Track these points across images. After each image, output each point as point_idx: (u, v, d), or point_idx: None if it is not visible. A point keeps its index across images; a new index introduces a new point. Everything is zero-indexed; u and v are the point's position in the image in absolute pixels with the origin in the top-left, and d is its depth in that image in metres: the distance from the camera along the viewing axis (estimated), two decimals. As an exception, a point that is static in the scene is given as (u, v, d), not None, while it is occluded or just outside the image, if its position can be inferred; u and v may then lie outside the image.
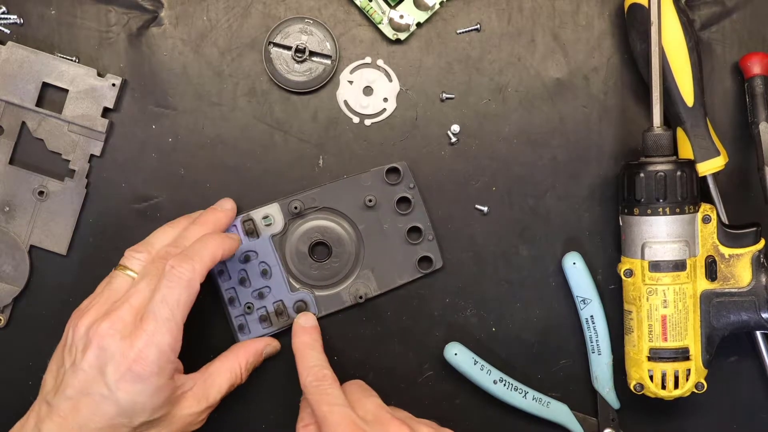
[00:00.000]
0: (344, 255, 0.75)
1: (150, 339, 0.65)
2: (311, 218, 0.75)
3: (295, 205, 0.74)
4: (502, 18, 0.76)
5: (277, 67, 0.75)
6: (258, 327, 0.75)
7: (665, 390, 0.71)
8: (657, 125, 0.71)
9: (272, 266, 0.75)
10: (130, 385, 0.64)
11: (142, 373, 0.64)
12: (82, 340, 0.66)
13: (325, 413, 0.65)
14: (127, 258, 0.70)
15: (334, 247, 0.75)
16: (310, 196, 0.75)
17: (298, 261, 0.75)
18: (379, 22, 0.75)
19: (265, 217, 0.74)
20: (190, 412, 0.68)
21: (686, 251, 0.70)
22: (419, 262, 0.75)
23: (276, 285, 0.75)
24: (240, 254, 0.74)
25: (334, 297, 0.75)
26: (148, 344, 0.64)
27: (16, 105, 0.75)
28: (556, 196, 0.77)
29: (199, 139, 0.76)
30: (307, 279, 0.75)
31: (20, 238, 0.76)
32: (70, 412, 0.64)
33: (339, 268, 0.75)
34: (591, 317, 0.76)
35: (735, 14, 0.76)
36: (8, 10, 0.76)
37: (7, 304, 0.76)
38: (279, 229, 0.75)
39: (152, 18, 0.76)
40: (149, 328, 0.65)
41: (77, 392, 0.65)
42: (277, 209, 0.74)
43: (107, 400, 0.64)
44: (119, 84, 0.75)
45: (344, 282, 0.75)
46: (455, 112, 0.76)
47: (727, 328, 0.71)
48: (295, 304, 0.75)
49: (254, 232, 0.74)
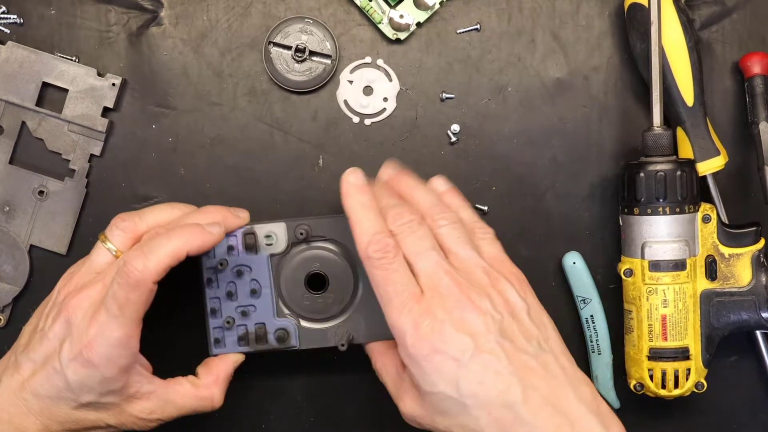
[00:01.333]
0: (340, 292, 0.70)
1: (100, 330, 0.63)
2: (315, 247, 0.70)
3: (302, 230, 0.69)
4: (502, 18, 0.76)
5: (277, 67, 0.75)
6: (234, 344, 0.71)
7: (665, 390, 0.71)
8: (657, 125, 0.71)
9: (263, 287, 0.70)
10: (79, 367, 0.64)
11: (91, 360, 0.63)
12: (56, 307, 0.66)
13: (390, 295, 0.62)
14: (111, 229, 0.67)
15: (332, 282, 0.70)
16: (321, 224, 0.70)
17: (292, 287, 0.70)
18: (379, 21, 0.75)
19: (268, 236, 0.70)
20: (139, 415, 0.67)
21: (686, 251, 0.70)
22: None
23: (262, 306, 0.71)
24: (233, 267, 0.70)
25: (320, 333, 0.71)
26: (98, 334, 0.63)
27: (16, 105, 0.75)
28: (556, 196, 0.77)
29: (199, 139, 0.76)
30: (297, 308, 0.71)
31: (20, 238, 0.76)
32: (29, 374, 0.65)
33: (331, 304, 0.71)
34: (591, 317, 0.76)
35: (735, 14, 0.76)
36: (8, 10, 0.76)
37: (7, 304, 0.76)
38: (280, 250, 0.70)
39: (152, 18, 0.76)
40: (101, 318, 0.63)
41: (40, 358, 0.65)
42: (283, 230, 0.70)
43: (58, 375, 0.64)
44: (119, 84, 0.75)
45: (333, 320, 0.71)
46: (455, 112, 0.76)
47: (727, 328, 0.71)
48: (276, 331, 0.70)
49: (254, 247, 0.70)
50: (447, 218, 0.65)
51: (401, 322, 0.61)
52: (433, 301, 0.61)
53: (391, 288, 0.62)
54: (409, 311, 0.61)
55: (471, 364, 0.60)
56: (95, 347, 0.63)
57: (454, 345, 0.60)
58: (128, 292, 0.63)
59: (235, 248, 0.70)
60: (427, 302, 0.61)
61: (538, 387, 0.60)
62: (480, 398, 0.60)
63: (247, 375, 0.77)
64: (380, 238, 0.62)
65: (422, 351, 0.60)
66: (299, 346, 0.71)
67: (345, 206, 0.65)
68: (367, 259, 0.62)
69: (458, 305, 0.61)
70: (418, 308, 0.61)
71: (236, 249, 0.70)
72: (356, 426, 0.77)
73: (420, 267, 0.62)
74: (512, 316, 0.62)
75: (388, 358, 0.68)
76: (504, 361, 0.60)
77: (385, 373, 0.68)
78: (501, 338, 0.60)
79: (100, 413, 0.66)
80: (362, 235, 0.63)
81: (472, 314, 0.61)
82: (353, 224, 0.64)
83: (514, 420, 0.59)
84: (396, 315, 0.61)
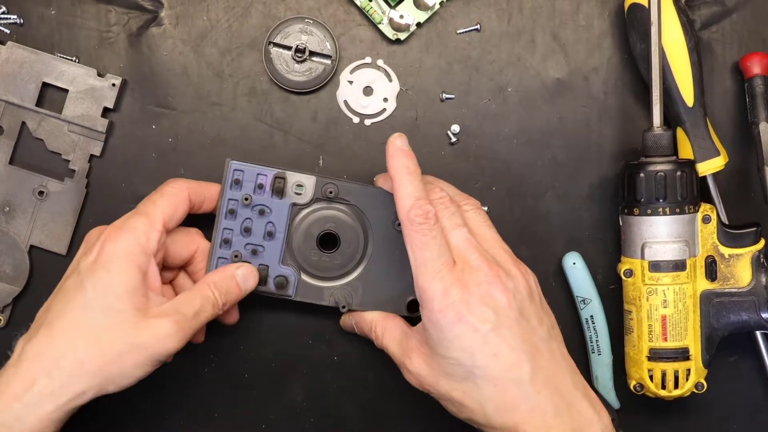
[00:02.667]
0: (347, 257, 0.73)
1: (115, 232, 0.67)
2: (336, 208, 0.72)
3: (331, 189, 0.71)
4: (502, 18, 0.76)
5: (277, 67, 0.75)
6: None
7: (665, 390, 0.71)
8: (657, 125, 0.71)
9: (278, 231, 0.72)
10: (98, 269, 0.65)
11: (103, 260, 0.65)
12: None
13: (425, 259, 0.64)
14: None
15: (342, 244, 0.72)
16: (349, 188, 0.72)
17: (304, 239, 0.72)
18: (379, 22, 0.75)
19: (298, 185, 0.71)
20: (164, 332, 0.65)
21: (686, 251, 0.70)
22: (409, 303, 0.72)
23: (271, 250, 0.72)
24: (256, 204, 0.71)
25: (316, 290, 0.72)
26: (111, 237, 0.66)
27: (16, 105, 0.75)
28: (556, 196, 0.77)
29: (199, 139, 0.76)
30: (302, 260, 0.72)
31: (20, 238, 0.76)
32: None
33: (336, 266, 0.73)
34: (591, 317, 0.76)
35: (735, 14, 0.76)
36: (8, 10, 0.76)
37: (7, 304, 0.76)
38: (304, 201, 0.71)
39: (152, 18, 0.76)
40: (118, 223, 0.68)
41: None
42: (313, 183, 0.71)
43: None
44: (119, 84, 0.75)
45: (332, 281, 0.72)
46: (455, 112, 0.76)
47: (727, 328, 0.71)
48: (277, 277, 0.72)
49: (281, 192, 0.71)
50: (471, 204, 0.70)
51: (432, 287, 0.64)
52: (464, 273, 0.64)
53: (428, 253, 0.64)
54: (441, 278, 0.64)
55: (490, 336, 0.63)
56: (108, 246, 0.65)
57: (478, 316, 0.63)
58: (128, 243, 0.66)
59: (264, 188, 0.71)
60: (459, 272, 0.64)
61: (544, 368, 0.64)
62: (490, 370, 0.63)
63: (247, 374, 0.77)
64: (423, 204, 0.65)
65: (448, 317, 0.63)
66: (294, 296, 0.72)
67: (390, 167, 0.67)
68: (409, 222, 0.65)
69: (486, 280, 0.64)
70: (450, 277, 0.64)
71: (264, 189, 0.71)
72: (356, 426, 0.77)
73: (453, 241, 0.66)
74: (530, 299, 0.66)
75: (389, 322, 0.70)
76: (519, 339, 0.64)
77: (389, 336, 0.69)
78: (520, 317, 0.64)
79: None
80: (406, 198, 0.65)
81: (497, 290, 0.64)
82: (397, 186, 0.66)
83: (518, 395, 0.63)
84: (428, 279, 0.64)
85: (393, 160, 0.67)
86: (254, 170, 0.71)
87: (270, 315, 0.76)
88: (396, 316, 0.71)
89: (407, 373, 0.67)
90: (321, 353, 0.77)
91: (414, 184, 0.66)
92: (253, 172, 0.71)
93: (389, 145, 0.67)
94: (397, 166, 0.66)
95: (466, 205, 0.69)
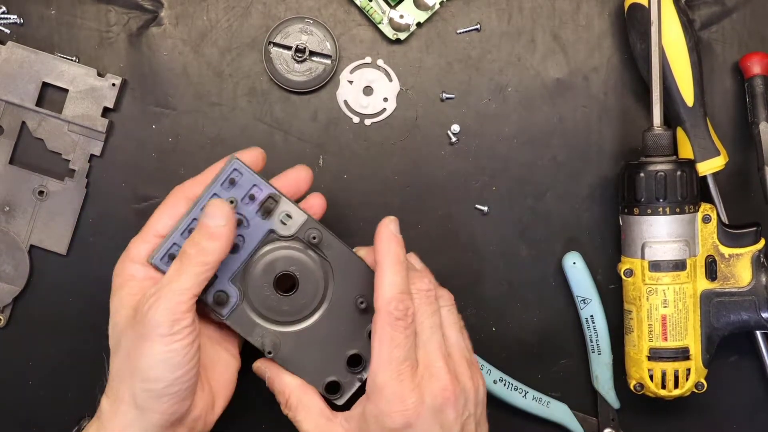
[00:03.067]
0: (296, 307, 0.68)
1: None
2: (311, 256, 0.67)
3: (315, 235, 0.66)
4: (502, 18, 0.76)
5: (277, 67, 0.75)
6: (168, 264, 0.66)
7: (665, 390, 0.71)
8: (657, 125, 0.71)
9: (243, 250, 0.66)
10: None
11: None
12: None
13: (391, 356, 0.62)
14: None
15: (297, 294, 0.67)
16: (332, 243, 0.67)
17: (263, 271, 0.67)
18: (379, 22, 0.75)
19: (287, 215, 0.66)
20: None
21: (686, 251, 0.70)
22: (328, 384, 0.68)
23: (228, 262, 0.66)
24: (238, 212, 0.65)
25: (250, 324, 0.67)
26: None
27: (16, 105, 0.75)
28: (556, 196, 0.77)
29: (199, 139, 0.76)
30: (251, 289, 0.67)
31: (20, 238, 0.76)
32: None
33: (280, 310, 0.68)
34: (591, 317, 0.76)
35: (735, 14, 0.76)
36: (8, 10, 0.76)
37: (7, 304, 0.76)
38: (284, 233, 0.66)
39: (152, 18, 0.76)
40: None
41: None
42: (301, 222, 0.67)
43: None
44: (119, 84, 0.75)
45: (269, 323, 0.68)
46: (455, 112, 0.76)
47: (727, 328, 0.71)
48: (218, 292, 0.66)
49: (268, 213, 0.66)
50: (446, 300, 0.67)
51: (391, 388, 0.62)
52: (424, 380, 0.63)
53: (396, 352, 0.62)
54: (401, 381, 0.62)
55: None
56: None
57: (424, 428, 0.62)
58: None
59: (254, 201, 0.66)
60: (419, 378, 0.63)
61: None
62: None
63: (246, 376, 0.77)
64: (405, 299, 0.63)
65: (396, 422, 0.62)
66: (225, 318, 0.67)
67: (379, 251, 0.64)
68: (386, 313, 0.62)
69: (443, 394, 0.63)
70: (410, 383, 0.62)
71: (253, 202, 0.66)
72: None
73: (424, 340, 0.64)
74: (474, 413, 0.65)
75: (307, 397, 0.67)
76: None
77: (305, 413, 0.67)
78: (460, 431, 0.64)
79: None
80: (390, 288, 0.63)
81: (450, 406, 0.63)
82: (383, 272, 0.63)
83: None
84: (388, 378, 0.62)
85: (383, 245, 0.64)
86: (253, 180, 0.66)
87: None
88: (315, 394, 0.67)
89: None
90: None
91: (400, 275, 0.63)
92: (251, 180, 0.66)
93: (382, 227, 0.65)
94: (386, 252, 0.64)
95: (441, 300, 0.66)
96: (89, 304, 0.76)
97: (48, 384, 0.77)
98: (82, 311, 0.76)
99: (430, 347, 0.64)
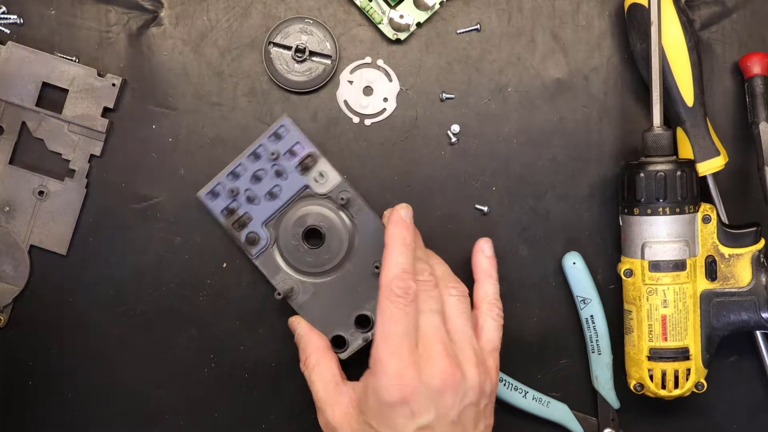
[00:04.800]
0: (319, 260, 0.73)
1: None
2: (339, 215, 0.73)
3: (344, 196, 0.72)
4: (502, 18, 0.76)
5: (277, 67, 0.75)
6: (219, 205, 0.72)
7: (665, 390, 0.71)
8: (657, 125, 0.71)
9: (280, 199, 0.72)
10: None
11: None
12: None
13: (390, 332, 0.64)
14: None
15: (322, 248, 0.73)
16: (361, 207, 0.72)
17: (294, 222, 0.73)
18: (379, 22, 0.75)
19: (322, 174, 0.72)
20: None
21: (686, 251, 0.70)
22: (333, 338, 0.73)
23: (263, 209, 0.72)
24: (279, 164, 0.72)
25: (275, 267, 0.73)
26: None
27: (16, 105, 0.75)
28: (556, 196, 0.77)
29: (199, 139, 0.76)
30: (281, 236, 0.73)
31: (20, 238, 0.76)
32: None
33: (304, 260, 0.73)
34: (591, 317, 0.76)
35: (735, 14, 0.76)
36: (8, 10, 0.76)
37: (7, 304, 0.76)
38: (317, 191, 0.72)
39: (152, 18, 0.76)
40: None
41: None
42: (335, 183, 0.72)
43: None
44: (119, 84, 0.75)
45: (292, 270, 0.73)
46: (455, 112, 0.76)
47: (727, 328, 0.71)
48: (251, 233, 0.72)
49: (306, 170, 0.72)
50: (458, 290, 0.69)
51: (389, 363, 0.64)
52: (422, 361, 0.64)
53: (395, 327, 0.64)
54: (400, 357, 0.64)
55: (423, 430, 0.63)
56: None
57: (420, 407, 0.63)
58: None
59: (295, 157, 0.72)
60: (417, 357, 0.64)
61: None
62: None
63: (247, 375, 0.77)
64: (408, 278, 0.66)
65: (392, 396, 0.63)
66: (254, 258, 0.73)
67: (387, 234, 0.67)
68: (388, 291, 0.65)
69: (441, 376, 0.64)
70: (408, 358, 0.64)
71: (294, 158, 0.72)
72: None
73: (422, 324, 0.66)
74: (476, 404, 0.65)
75: (325, 360, 0.70)
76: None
77: (318, 374, 0.70)
78: (457, 420, 0.64)
79: None
80: (392, 267, 0.66)
81: (448, 389, 0.64)
82: (388, 252, 0.67)
83: None
84: (387, 353, 0.64)
85: (392, 228, 0.67)
86: (296, 137, 0.72)
87: (270, 315, 0.76)
88: (333, 358, 0.71)
89: (323, 419, 0.68)
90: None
91: (405, 256, 0.66)
92: (294, 137, 0.72)
93: (393, 213, 0.68)
94: (394, 234, 0.67)
95: (453, 289, 0.69)
96: (89, 304, 0.76)
97: (48, 384, 0.77)
98: (82, 311, 0.76)
99: (430, 332, 0.65)
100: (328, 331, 0.73)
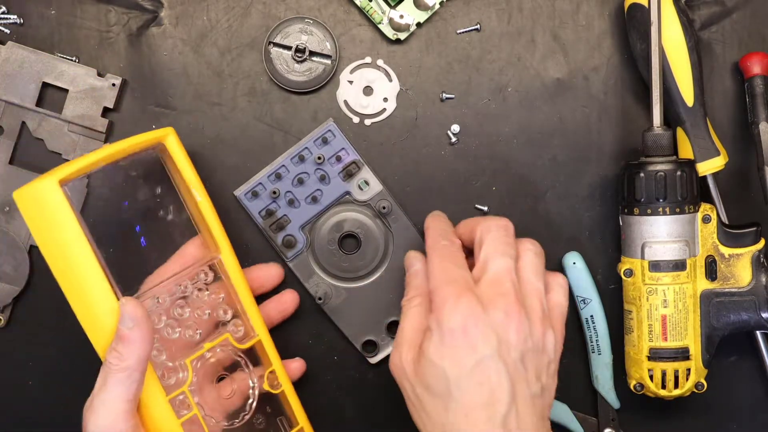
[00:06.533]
0: (353, 267, 0.75)
1: None
2: (378, 224, 0.75)
3: (384, 206, 0.74)
4: (502, 18, 0.76)
5: (277, 67, 0.75)
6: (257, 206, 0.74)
7: (665, 390, 0.71)
8: (657, 125, 0.71)
9: (319, 204, 0.74)
10: None
11: None
12: None
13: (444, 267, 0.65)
14: None
15: (357, 254, 0.75)
16: (399, 217, 0.75)
17: (331, 227, 0.75)
18: (379, 22, 0.75)
19: (365, 182, 0.75)
20: None
21: (686, 251, 0.70)
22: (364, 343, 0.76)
23: (302, 213, 0.74)
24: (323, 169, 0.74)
25: (309, 271, 0.75)
26: None
27: (16, 105, 0.75)
28: (556, 196, 0.77)
29: (199, 139, 0.76)
30: (316, 240, 0.75)
31: (20, 238, 0.76)
32: None
33: (338, 266, 0.75)
34: (591, 317, 0.76)
35: (735, 14, 0.76)
36: (8, 10, 0.76)
37: (7, 304, 0.76)
38: (358, 198, 0.75)
39: (152, 18, 0.76)
40: None
41: None
42: (377, 191, 0.75)
43: None
44: (119, 84, 0.75)
45: (326, 275, 0.75)
46: (455, 112, 0.76)
47: (727, 328, 0.71)
48: (288, 236, 0.74)
49: (349, 176, 0.74)
50: (535, 249, 0.68)
51: (446, 289, 0.63)
52: (488, 291, 0.63)
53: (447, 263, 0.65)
54: (456, 282, 0.63)
55: (484, 363, 0.61)
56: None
57: (483, 336, 0.61)
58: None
59: (339, 163, 0.74)
60: (479, 288, 0.63)
61: (519, 419, 0.61)
62: (468, 397, 0.61)
63: (247, 375, 0.77)
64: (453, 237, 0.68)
65: (453, 321, 0.61)
66: (289, 261, 0.75)
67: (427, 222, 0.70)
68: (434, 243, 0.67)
69: (506, 310, 0.62)
70: (465, 284, 0.63)
71: (339, 164, 0.74)
72: (356, 426, 0.77)
73: (493, 265, 0.64)
74: (539, 355, 0.63)
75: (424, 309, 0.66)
76: (508, 381, 0.61)
77: (413, 316, 0.66)
78: (519, 361, 0.62)
79: None
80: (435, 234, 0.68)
81: (512, 325, 0.62)
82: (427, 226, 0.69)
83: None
84: (443, 282, 0.63)
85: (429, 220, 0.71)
86: (342, 144, 0.74)
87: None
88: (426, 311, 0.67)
89: (395, 357, 0.65)
90: (321, 353, 0.77)
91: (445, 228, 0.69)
92: (340, 143, 0.74)
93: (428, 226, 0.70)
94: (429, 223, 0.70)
95: (529, 244, 0.67)
96: (89, 304, 0.76)
97: (48, 384, 0.77)
98: (82, 311, 0.76)
99: (500, 270, 0.64)
100: (359, 335, 0.75)
